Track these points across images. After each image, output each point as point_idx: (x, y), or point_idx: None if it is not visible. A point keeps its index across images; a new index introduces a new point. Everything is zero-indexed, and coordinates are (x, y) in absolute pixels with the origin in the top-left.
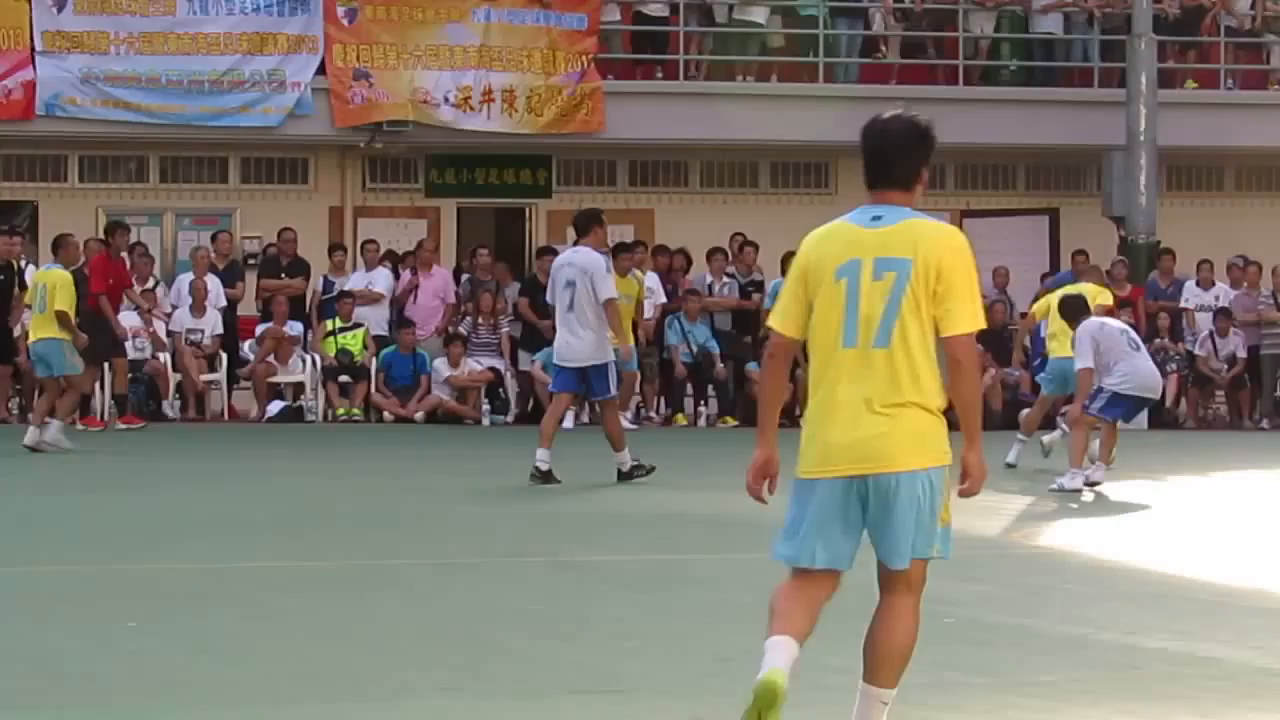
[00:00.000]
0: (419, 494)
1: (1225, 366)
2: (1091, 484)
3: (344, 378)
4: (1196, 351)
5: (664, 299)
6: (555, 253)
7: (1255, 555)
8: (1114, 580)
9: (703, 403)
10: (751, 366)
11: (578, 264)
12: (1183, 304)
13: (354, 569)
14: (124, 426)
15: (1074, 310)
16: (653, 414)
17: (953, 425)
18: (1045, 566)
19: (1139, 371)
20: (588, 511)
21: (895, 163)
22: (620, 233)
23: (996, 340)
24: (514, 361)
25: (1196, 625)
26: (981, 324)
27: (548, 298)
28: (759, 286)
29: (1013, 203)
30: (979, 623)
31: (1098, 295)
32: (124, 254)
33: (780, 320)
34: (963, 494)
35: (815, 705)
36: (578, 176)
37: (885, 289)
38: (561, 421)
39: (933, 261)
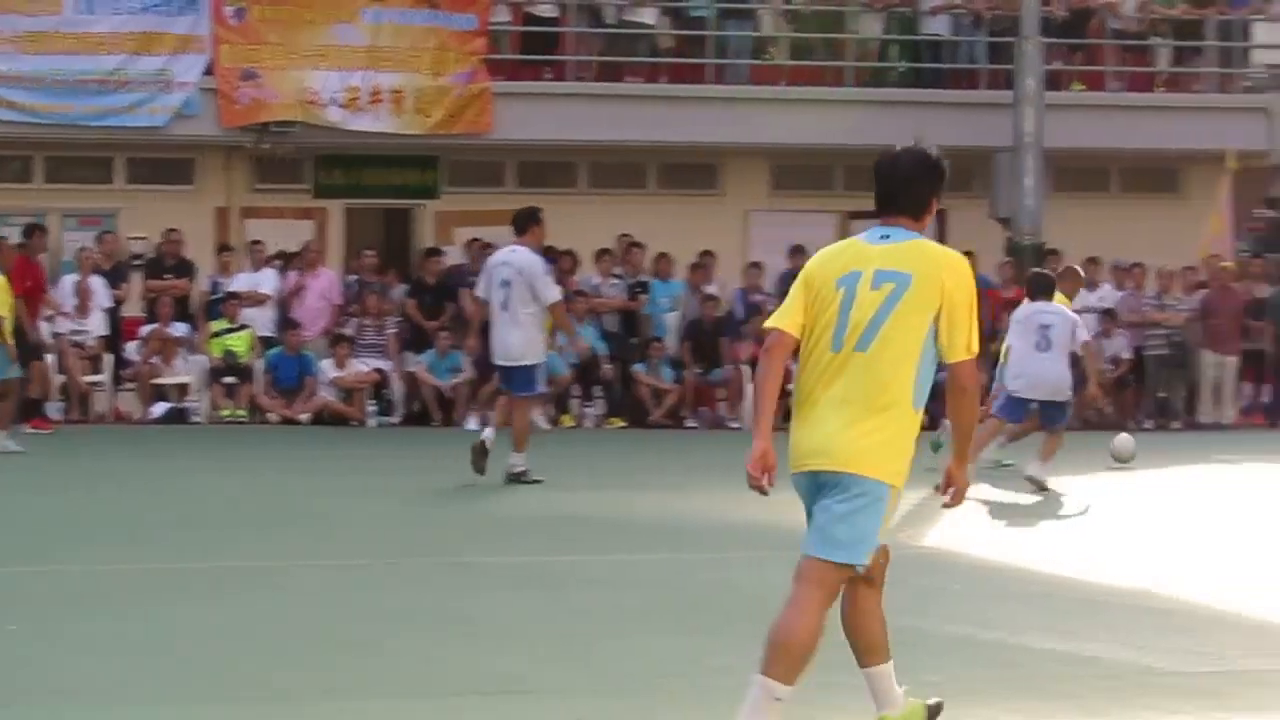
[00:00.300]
0: (305, 496)
1: (1111, 367)
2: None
3: (229, 379)
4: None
5: None
6: (441, 253)
7: (1138, 555)
8: (1001, 581)
9: (589, 404)
10: (638, 368)
11: (515, 263)
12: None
13: (239, 570)
14: (33, 431)
15: (1038, 287)
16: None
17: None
18: (933, 567)
19: (1030, 374)
20: (479, 512)
21: (903, 193)
22: (506, 234)
23: None
24: (400, 363)
25: (1081, 625)
26: (976, 349)
27: (480, 293)
28: (645, 287)
29: None
30: None
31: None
32: (41, 256)
33: (779, 318)
34: (946, 506)
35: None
36: (466, 177)
37: (880, 298)
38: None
39: (934, 280)
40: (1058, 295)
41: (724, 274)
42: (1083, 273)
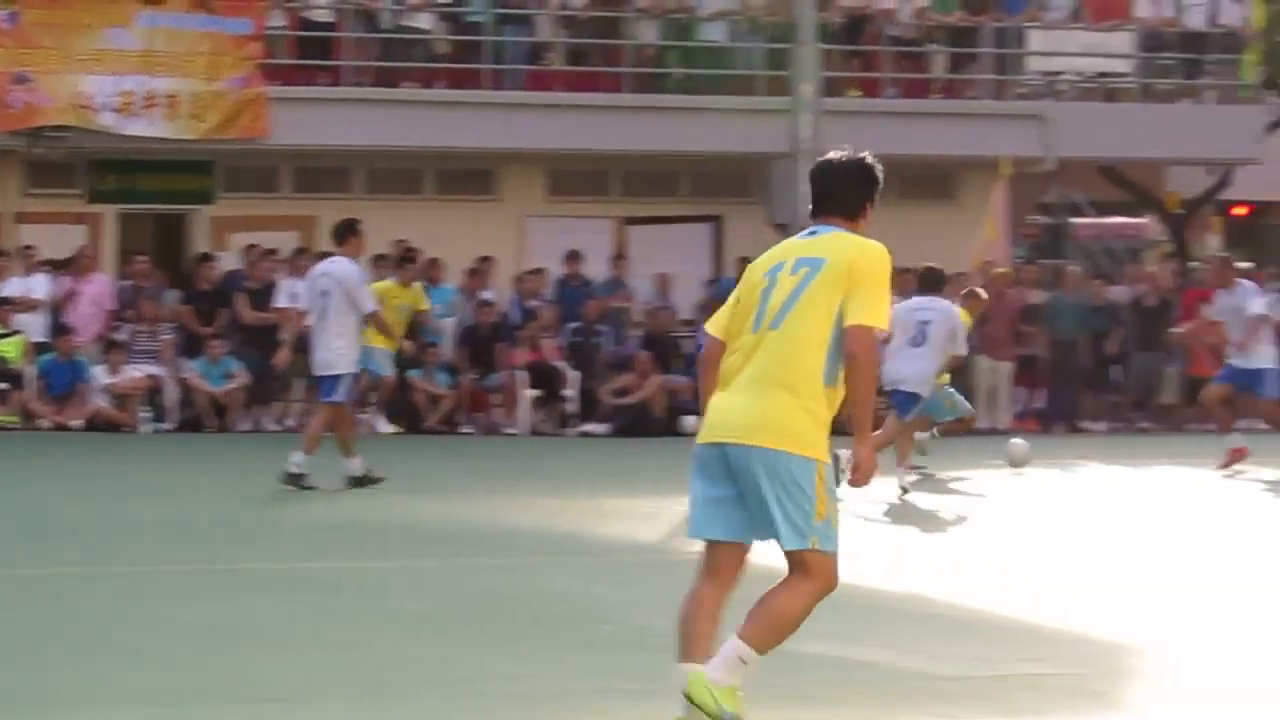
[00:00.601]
0: (72, 502)
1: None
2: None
3: (1, 385)
4: None
5: None
6: (215, 259)
7: (917, 561)
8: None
9: (364, 409)
10: (414, 373)
11: (333, 274)
12: None
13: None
14: None
15: (925, 282)
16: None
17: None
18: None
19: (893, 366)
20: (252, 518)
21: (839, 196)
22: (283, 240)
23: (661, 346)
24: (174, 369)
25: (855, 630)
26: (884, 325)
27: (302, 304)
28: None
29: (676, 210)
30: (640, 629)
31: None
32: None
33: (712, 324)
34: (851, 484)
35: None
36: (241, 183)
37: (795, 281)
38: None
39: (845, 261)
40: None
41: (502, 279)
42: (983, 294)
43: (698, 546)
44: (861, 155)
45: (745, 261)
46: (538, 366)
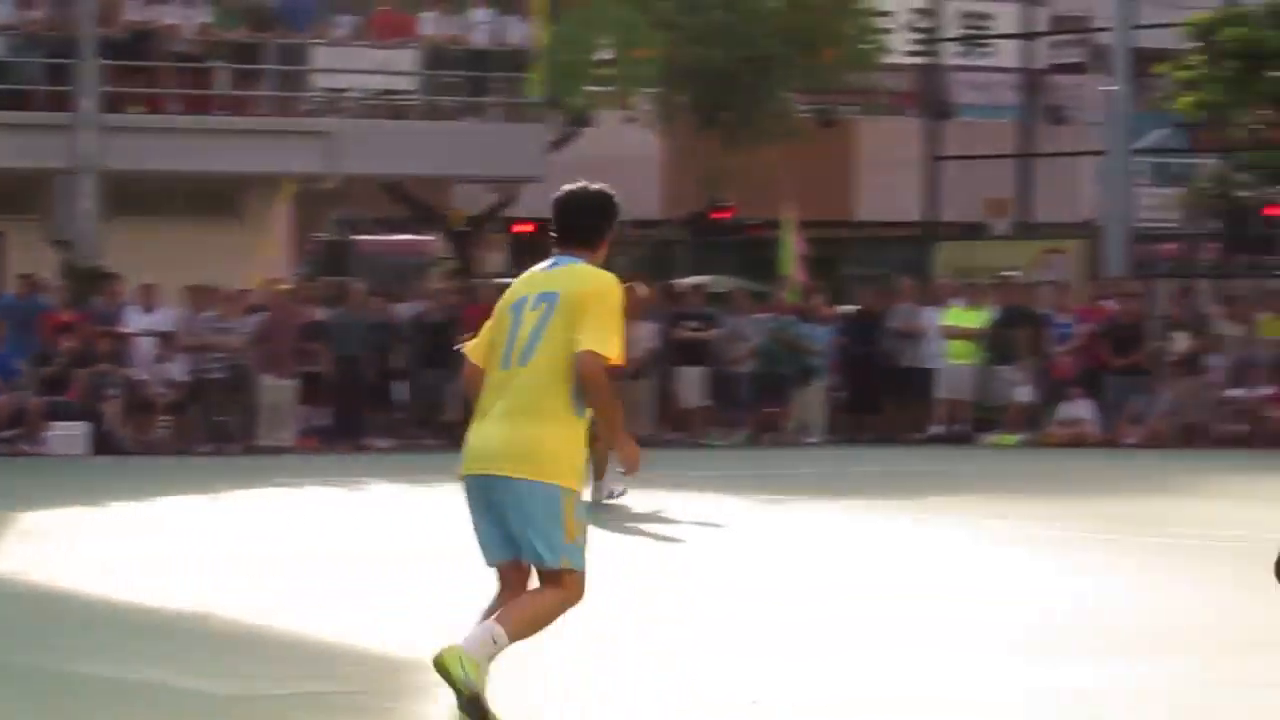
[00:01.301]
0: None
1: (168, 390)
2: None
3: None
4: (141, 375)
5: None
6: None
7: (204, 577)
8: (67, 607)
9: None
10: None
11: None
12: (125, 328)
13: None
14: None
15: None
16: None
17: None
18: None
19: None
20: None
21: (578, 227)
22: None
23: None
24: None
25: (143, 650)
26: (612, 352)
27: None
28: None
29: None
30: None
31: None
32: None
33: (470, 350)
34: (626, 473)
35: None
36: None
37: (536, 317)
38: None
39: (575, 293)
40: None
41: None
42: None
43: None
44: (600, 187)
45: (26, 279)
46: None
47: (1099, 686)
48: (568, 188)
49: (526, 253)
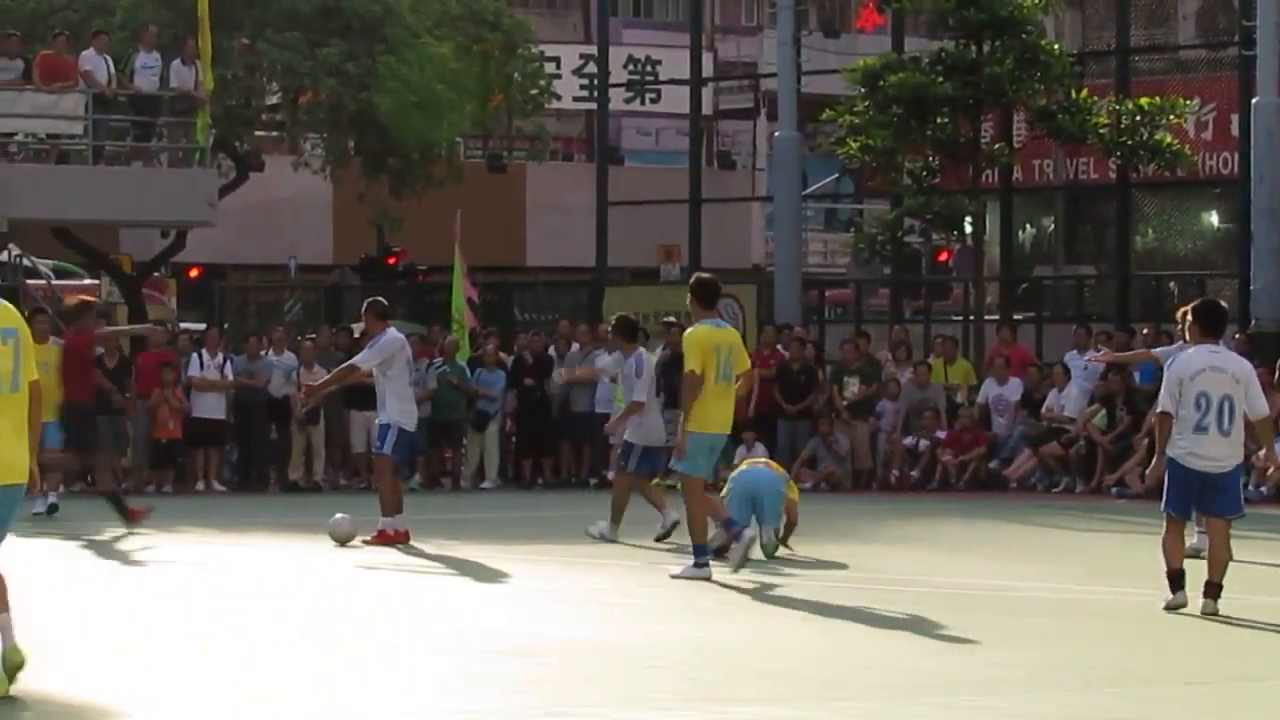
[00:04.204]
0: None
1: None
2: None
3: None
4: None
5: None
6: None
7: None
8: None
9: None
10: None
11: None
12: None
13: None
14: None
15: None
16: None
17: None
18: None
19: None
20: None
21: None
22: None
23: None
24: None
25: None
26: (34, 375)
27: None
28: None
29: None
30: None
31: None
32: None
33: None
34: None
35: None
36: None
37: (11, 349)
38: None
39: (25, 329)
40: None
41: None
42: None
43: None
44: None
45: None
46: None
47: None
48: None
49: (196, 296)
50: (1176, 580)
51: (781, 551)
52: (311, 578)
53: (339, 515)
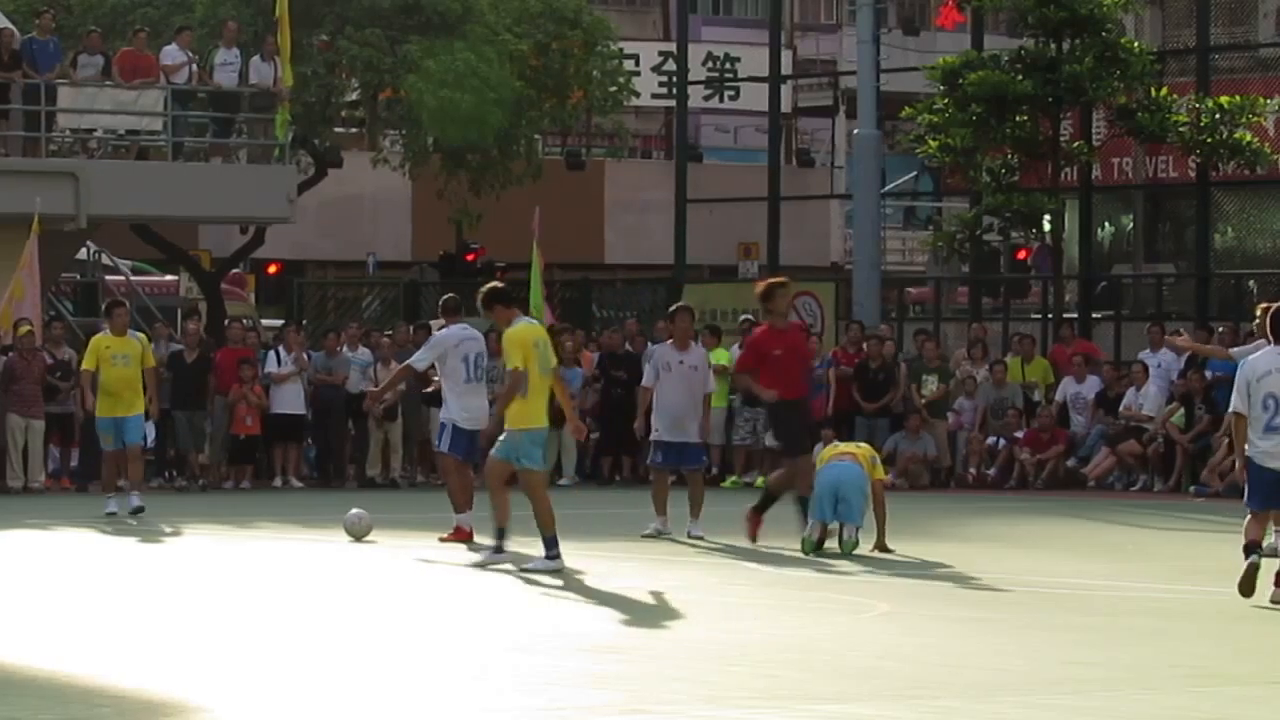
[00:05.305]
0: None
1: None
2: None
3: None
4: None
5: None
6: None
7: None
8: None
9: None
10: None
11: None
12: None
13: None
14: None
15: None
16: None
17: None
18: None
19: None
20: None
21: None
22: None
23: None
24: None
25: None
26: None
27: None
28: None
29: None
30: None
31: None
32: None
33: None
34: None
35: None
36: None
37: None
38: None
39: None
40: None
41: None
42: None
43: None
44: None
45: None
46: None
47: None
48: None
49: (275, 293)
50: (1252, 548)
51: (881, 555)
52: (386, 576)
53: (354, 510)
